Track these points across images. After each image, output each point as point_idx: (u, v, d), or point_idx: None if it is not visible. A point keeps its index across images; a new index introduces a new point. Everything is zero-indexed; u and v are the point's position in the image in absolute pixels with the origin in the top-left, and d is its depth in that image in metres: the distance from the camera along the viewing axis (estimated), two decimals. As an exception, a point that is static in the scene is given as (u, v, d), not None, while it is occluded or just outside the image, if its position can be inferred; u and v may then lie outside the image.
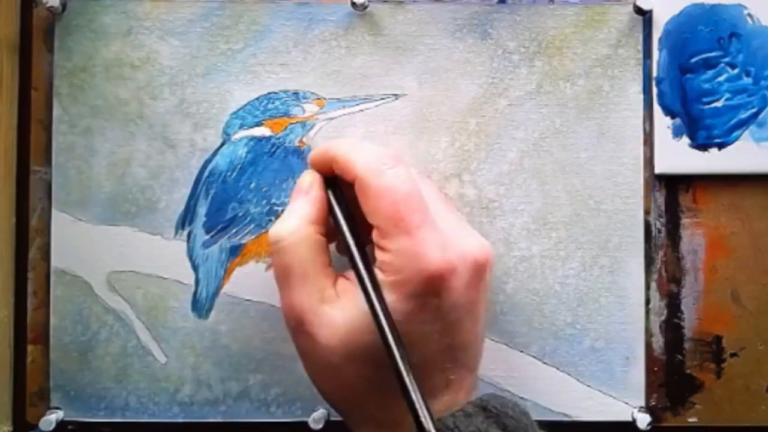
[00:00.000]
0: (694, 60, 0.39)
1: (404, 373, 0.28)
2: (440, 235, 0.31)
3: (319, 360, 0.32)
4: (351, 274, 0.32)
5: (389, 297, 0.30)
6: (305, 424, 0.38)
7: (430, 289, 0.30)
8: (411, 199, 0.31)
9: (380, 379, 0.30)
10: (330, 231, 0.33)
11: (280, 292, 0.33)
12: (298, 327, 0.32)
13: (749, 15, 0.39)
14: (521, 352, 0.39)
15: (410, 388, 0.28)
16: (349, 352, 0.31)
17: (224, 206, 0.39)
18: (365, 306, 0.30)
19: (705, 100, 0.39)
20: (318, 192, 0.33)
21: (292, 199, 0.34)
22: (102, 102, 0.39)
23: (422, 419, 0.28)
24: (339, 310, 0.31)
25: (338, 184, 0.33)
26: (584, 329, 0.39)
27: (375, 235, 0.31)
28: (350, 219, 0.32)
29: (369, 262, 0.31)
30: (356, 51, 0.39)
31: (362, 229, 0.32)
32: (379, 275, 0.31)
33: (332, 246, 0.35)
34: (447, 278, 0.30)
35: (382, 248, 0.31)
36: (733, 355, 0.39)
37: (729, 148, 0.39)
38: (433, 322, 0.31)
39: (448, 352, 0.31)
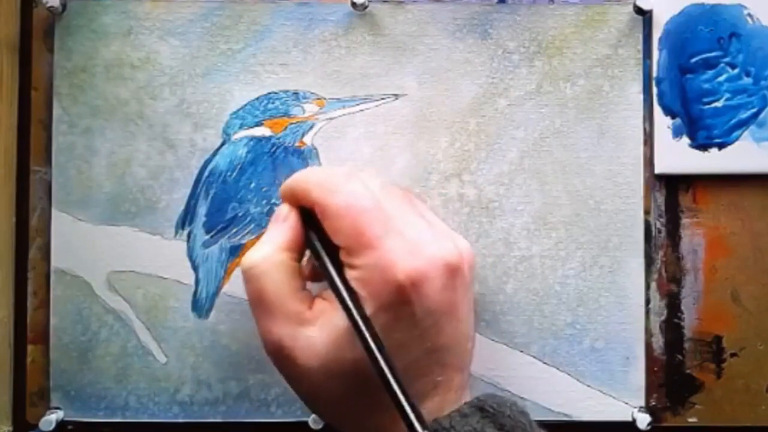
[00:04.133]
0: (694, 60, 0.39)
1: (392, 383, 0.28)
2: (407, 243, 0.30)
3: (303, 382, 0.32)
4: (327, 294, 0.31)
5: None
6: (305, 424, 0.38)
7: (402, 298, 0.30)
8: (369, 212, 0.30)
9: (365, 392, 0.30)
10: (314, 269, 0.33)
11: (256, 320, 0.32)
12: (277, 353, 0.31)
13: (749, 15, 0.39)
14: (521, 352, 0.39)
15: (399, 396, 0.28)
16: (331, 371, 0.30)
17: (224, 206, 0.39)
18: (344, 324, 0.30)
19: (705, 100, 0.39)
20: (294, 220, 0.33)
21: (268, 228, 0.33)
22: (102, 102, 0.39)
23: (414, 424, 0.28)
24: (317, 331, 0.31)
25: (313, 214, 0.33)
26: (584, 329, 0.39)
27: (342, 255, 0.31)
28: (327, 246, 0.32)
29: (346, 278, 0.30)
30: (356, 51, 0.39)
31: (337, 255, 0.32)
32: None
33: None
34: (418, 285, 0.30)
35: (350, 266, 0.30)
36: (733, 355, 0.39)
37: (729, 148, 0.39)
38: (410, 329, 0.30)
39: (430, 356, 0.31)
